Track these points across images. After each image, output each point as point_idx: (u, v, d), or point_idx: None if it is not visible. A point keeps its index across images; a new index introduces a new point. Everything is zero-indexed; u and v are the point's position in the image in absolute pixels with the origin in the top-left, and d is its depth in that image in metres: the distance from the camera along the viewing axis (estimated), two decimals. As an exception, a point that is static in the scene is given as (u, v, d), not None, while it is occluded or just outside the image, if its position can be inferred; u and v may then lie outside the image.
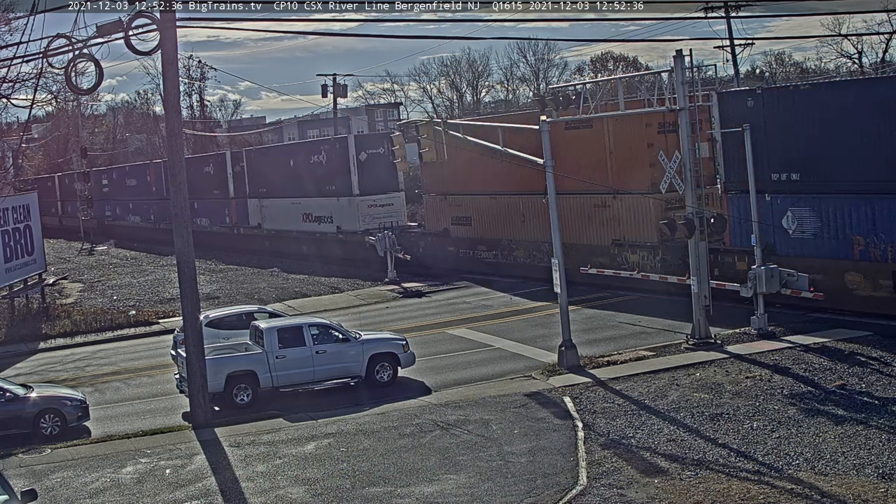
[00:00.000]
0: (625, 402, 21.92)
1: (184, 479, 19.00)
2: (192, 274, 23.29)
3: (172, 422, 23.87)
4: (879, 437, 18.20)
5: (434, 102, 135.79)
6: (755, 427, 19.33)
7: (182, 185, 23.21)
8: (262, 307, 32.21)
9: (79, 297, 46.56)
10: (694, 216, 26.12)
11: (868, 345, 24.89)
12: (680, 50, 26.10)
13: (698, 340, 26.43)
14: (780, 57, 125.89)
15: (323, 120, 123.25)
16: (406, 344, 26.04)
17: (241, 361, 24.63)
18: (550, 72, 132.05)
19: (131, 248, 68.16)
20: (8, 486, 14.87)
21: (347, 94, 76.35)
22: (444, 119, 34.94)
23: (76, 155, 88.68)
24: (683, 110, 26.26)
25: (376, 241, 43.55)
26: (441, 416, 21.81)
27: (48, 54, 23.96)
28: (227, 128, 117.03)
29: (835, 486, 16.04)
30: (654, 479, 17.08)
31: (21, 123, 69.55)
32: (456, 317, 34.48)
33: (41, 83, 36.76)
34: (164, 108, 25.80)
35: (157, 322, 37.88)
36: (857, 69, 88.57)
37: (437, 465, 18.64)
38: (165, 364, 29.43)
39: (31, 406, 23.06)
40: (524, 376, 25.13)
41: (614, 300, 34.39)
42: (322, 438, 20.92)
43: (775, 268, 26.97)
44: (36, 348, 35.00)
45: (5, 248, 38.25)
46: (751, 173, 27.38)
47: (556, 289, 26.04)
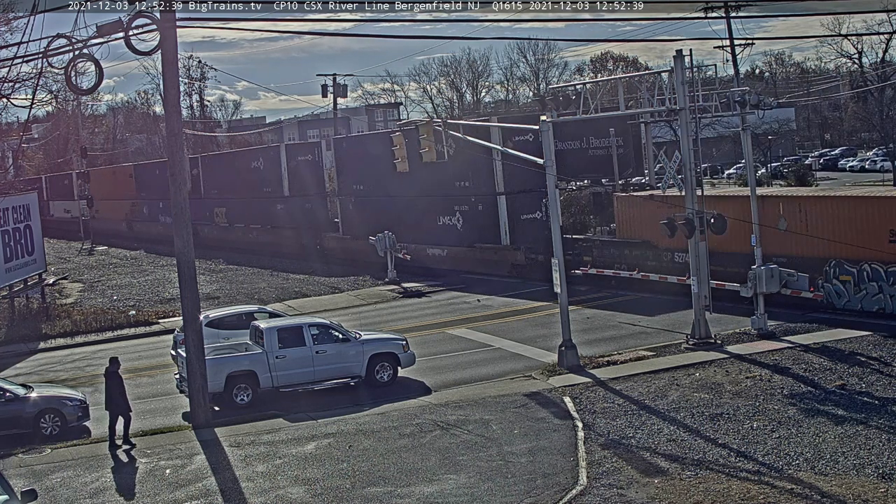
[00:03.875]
0: (625, 402, 21.92)
1: (184, 479, 19.00)
2: (192, 274, 23.29)
3: (172, 422, 23.87)
4: (879, 437, 18.20)
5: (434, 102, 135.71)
6: (755, 427, 19.33)
7: (182, 185, 23.21)
8: (262, 307, 32.21)
9: (79, 297, 46.57)
10: (694, 216, 26.12)
11: (868, 345, 24.90)
12: (680, 50, 26.11)
13: (698, 340, 26.43)
14: (780, 57, 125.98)
15: (323, 120, 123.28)
16: (406, 344, 26.04)
17: (241, 361, 24.62)
18: (550, 72, 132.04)
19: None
20: (8, 486, 14.87)
21: (347, 94, 76.70)
22: (444, 119, 34.92)
23: (76, 155, 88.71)
24: (683, 110, 26.26)
25: (376, 241, 43.57)
26: (441, 416, 21.81)
27: (48, 54, 23.94)
28: (227, 128, 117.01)
29: (835, 486, 16.04)
30: (654, 479, 17.08)
31: (21, 123, 69.59)
32: (456, 317, 34.48)
33: (41, 83, 36.75)
34: (164, 108, 25.79)
35: (157, 322, 37.88)
36: (857, 69, 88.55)
37: (437, 465, 18.64)
38: (165, 364, 29.43)
39: (31, 406, 23.06)
40: (524, 376, 25.12)
41: (614, 300, 34.41)
42: (322, 438, 20.92)
43: (775, 268, 26.98)
44: (36, 348, 35.00)
45: (5, 248, 38.25)
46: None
47: (556, 289, 26.04)
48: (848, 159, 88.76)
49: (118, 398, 21.69)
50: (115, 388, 21.74)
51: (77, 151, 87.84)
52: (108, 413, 21.76)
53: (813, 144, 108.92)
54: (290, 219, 56.53)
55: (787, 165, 77.80)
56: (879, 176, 72.33)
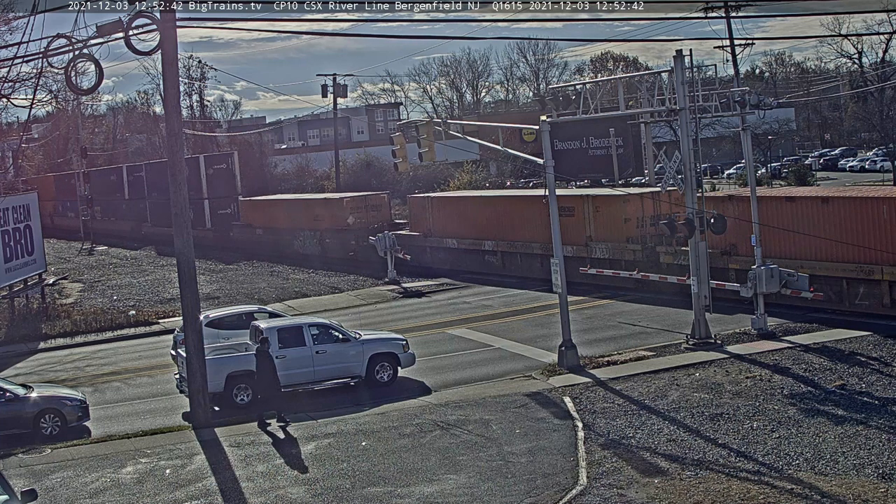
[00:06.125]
0: (625, 402, 21.92)
1: (184, 479, 18.99)
2: (193, 274, 23.28)
3: (172, 422, 23.86)
4: (879, 437, 18.20)
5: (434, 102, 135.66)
6: (755, 427, 19.33)
7: (182, 184, 23.20)
8: (262, 307, 32.19)
9: (79, 297, 46.54)
10: (694, 216, 26.13)
11: (868, 345, 24.91)
12: (680, 50, 26.12)
13: (698, 340, 26.43)
14: (780, 57, 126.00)
15: (323, 120, 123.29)
16: (406, 344, 26.03)
17: (241, 361, 24.62)
18: (550, 72, 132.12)
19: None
20: (8, 486, 14.86)
21: (347, 95, 76.85)
22: (444, 119, 34.92)
23: (76, 155, 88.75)
24: (683, 110, 26.27)
25: (376, 242, 43.58)
26: (441, 416, 21.81)
27: (48, 54, 23.94)
28: (228, 128, 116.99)
29: (835, 486, 16.04)
30: (654, 479, 17.08)
31: (21, 123, 69.62)
32: (456, 317, 34.48)
33: (41, 83, 36.76)
34: (164, 108, 25.79)
35: (157, 322, 37.87)
36: (857, 69, 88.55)
37: (437, 465, 18.64)
38: (165, 364, 29.43)
39: (31, 406, 23.05)
40: (524, 376, 25.12)
41: (614, 300, 34.41)
42: (322, 438, 20.92)
43: (776, 267, 26.99)
44: (36, 348, 34.99)
45: (5, 248, 38.23)
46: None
47: (556, 289, 26.04)
48: (848, 159, 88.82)
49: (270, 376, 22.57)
50: (266, 367, 22.55)
51: (77, 151, 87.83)
52: (259, 393, 23.02)
53: (813, 144, 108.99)
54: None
55: (787, 165, 77.83)
56: (879, 176, 72.36)
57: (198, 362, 22.99)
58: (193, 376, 22.95)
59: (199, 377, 22.94)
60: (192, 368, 22.96)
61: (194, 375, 22.94)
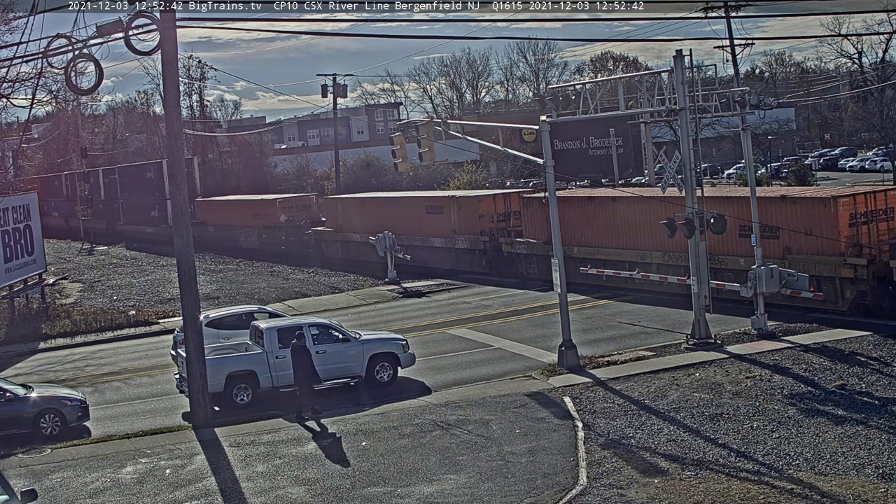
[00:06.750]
0: (625, 402, 21.92)
1: (184, 479, 18.99)
2: (192, 274, 23.28)
3: (172, 422, 23.86)
4: (879, 437, 18.20)
5: (434, 102, 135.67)
6: (755, 427, 19.33)
7: (182, 184, 23.20)
8: (262, 307, 32.19)
9: (79, 297, 46.56)
10: (694, 216, 26.12)
11: (868, 345, 24.91)
12: (680, 50, 26.10)
13: (698, 340, 26.43)
14: (780, 57, 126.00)
15: (323, 120, 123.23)
16: (406, 344, 26.03)
17: (241, 361, 24.62)
18: (550, 72, 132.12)
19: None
20: (8, 487, 14.86)
21: (347, 95, 76.97)
22: (444, 119, 34.89)
23: (76, 155, 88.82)
24: (683, 110, 26.26)
25: (376, 242, 43.60)
26: (441, 416, 21.80)
27: (48, 54, 23.92)
28: (227, 128, 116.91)
29: (835, 486, 16.03)
30: (654, 479, 17.08)
31: (21, 123, 69.62)
32: (456, 317, 34.48)
33: (41, 83, 36.75)
34: (164, 108, 25.79)
35: (157, 322, 37.87)
36: (857, 69, 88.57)
37: (437, 465, 18.64)
38: (165, 364, 29.43)
39: (31, 406, 23.05)
40: (524, 376, 25.12)
41: (614, 300, 34.41)
42: (322, 438, 20.92)
43: (776, 268, 26.99)
44: (36, 348, 34.99)
45: (5, 248, 38.23)
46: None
47: (556, 289, 26.03)
48: (848, 159, 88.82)
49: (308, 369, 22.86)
50: (304, 361, 22.81)
51: (77, 151, 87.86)
52: (299, 388, 23.09)
53: (813, 144, 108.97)
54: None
55: (787, 165, 77.81)
56: (879, 176, 72.36)
57: (198, 362, 22.99)
58: (193, 376, 22.95)
59: (199, 377, 22.94)
60: (192, 368, 22.96)
61: (194, 375, 22.94)
